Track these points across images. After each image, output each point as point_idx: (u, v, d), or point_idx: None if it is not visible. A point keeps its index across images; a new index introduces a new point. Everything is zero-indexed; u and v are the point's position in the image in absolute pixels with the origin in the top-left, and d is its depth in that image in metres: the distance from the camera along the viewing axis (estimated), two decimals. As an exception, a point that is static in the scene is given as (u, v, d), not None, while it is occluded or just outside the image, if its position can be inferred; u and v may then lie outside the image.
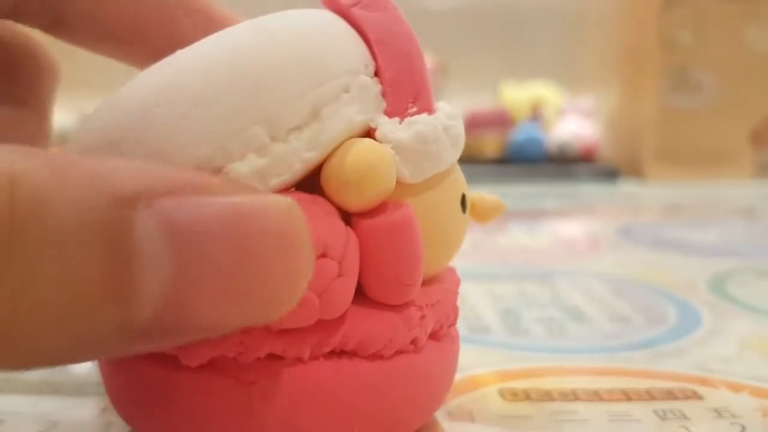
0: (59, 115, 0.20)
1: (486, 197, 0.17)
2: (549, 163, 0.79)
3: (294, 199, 0.11)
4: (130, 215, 0.09)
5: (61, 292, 0.09)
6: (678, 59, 0.81)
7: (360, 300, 0.13)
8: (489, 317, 0.26)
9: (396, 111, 0.14)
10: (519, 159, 0.78)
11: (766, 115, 0.81)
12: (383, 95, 0.14)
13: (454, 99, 0.22)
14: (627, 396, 0.18)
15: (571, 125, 0.82)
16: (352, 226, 0.13)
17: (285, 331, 0.13)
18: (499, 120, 0.80)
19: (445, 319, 0.15)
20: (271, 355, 0.13)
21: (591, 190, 0.72)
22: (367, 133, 0.14)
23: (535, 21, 0.94)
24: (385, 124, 0.14)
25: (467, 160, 0.16)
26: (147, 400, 0.14)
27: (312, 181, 0.13)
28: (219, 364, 0.13)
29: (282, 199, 0.10)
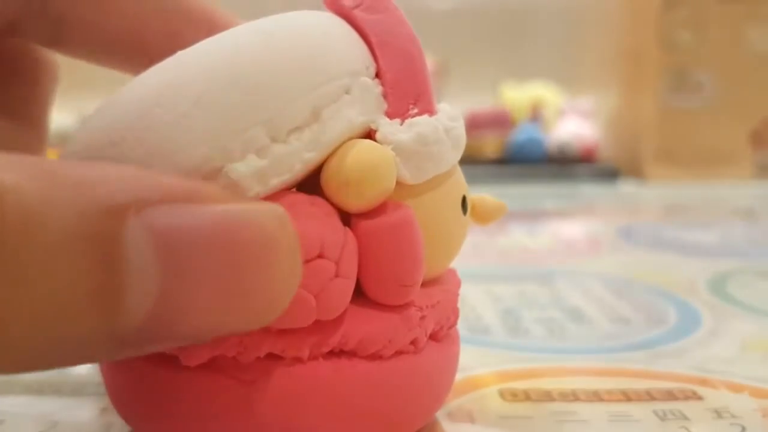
0: (59, 116, 0.20)
1: (487, 199, 0.16)
2: (549, 164, 0.79)
3: (293, 200, 0.11)
4: (118, 225, 0.09)
5: (49, 301, 0.09)
6: (678, 59, 0.81)
7: (360, 300, 0.13)
8: (489, 318, 0.26)
9: (397, 112, 0.14)
10: (519, 159, 0.78)
11: (766, 116, 0.81)
12: (384, 96, 0.14)
13: (454, 99, 0.22)
14: (627, 396, 0.18)
15: (571, 126, 0.82)
16: (351, 226, 0.13)
17: (285, 331, 0.13)
18: (499, 120, 0.80)
19: (446, 321, 0.15)
20: (271, 355, 0.13)
21: (591, 190, 0.72)
22: (368, 135, 0.14)
23: (535, 21, 0.94)
24: (386, 125, 0.14)
25: (467, 160, 0.16)
26: (147, 400, 0.14)
27: (312, 182, 0.13)
28: (219, 364, 0.13)
29: (270, 207, 0.11)
